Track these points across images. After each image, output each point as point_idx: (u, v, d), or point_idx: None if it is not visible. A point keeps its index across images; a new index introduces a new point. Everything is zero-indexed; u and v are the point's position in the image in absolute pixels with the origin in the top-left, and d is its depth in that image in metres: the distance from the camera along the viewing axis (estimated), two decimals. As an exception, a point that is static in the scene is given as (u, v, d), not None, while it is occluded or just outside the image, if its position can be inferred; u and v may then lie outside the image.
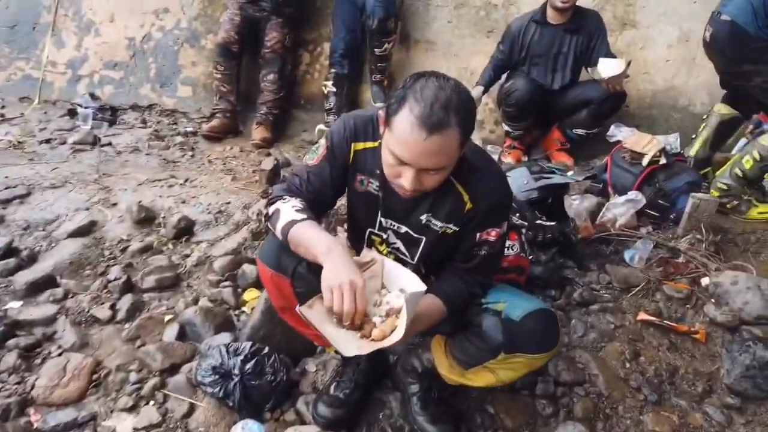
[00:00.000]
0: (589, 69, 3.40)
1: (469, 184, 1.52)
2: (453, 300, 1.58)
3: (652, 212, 2.72)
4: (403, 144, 1.30)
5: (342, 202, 1.79)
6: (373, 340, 1.37)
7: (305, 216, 1.45)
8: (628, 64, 3.34)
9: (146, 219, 2.59)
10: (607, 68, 3.30)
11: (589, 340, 2.14)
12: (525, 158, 3.78)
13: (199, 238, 2.51)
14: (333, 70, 3.95)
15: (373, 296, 1.49)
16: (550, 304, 2.27)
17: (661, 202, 2.68)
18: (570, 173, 2.54)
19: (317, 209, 1.61)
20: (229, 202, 2.72)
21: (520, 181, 2.43)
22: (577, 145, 3.88)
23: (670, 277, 2.40)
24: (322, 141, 1.63)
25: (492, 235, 1.56)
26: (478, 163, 1.53)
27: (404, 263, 1.71)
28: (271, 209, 1.56)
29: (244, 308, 2.18)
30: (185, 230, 2.52)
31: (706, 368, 2.06)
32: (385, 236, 1.66)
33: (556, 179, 2.37)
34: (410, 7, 4.14)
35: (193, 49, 4.28)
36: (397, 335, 1.33)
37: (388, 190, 1.56)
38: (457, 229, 1.57)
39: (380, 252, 1.72)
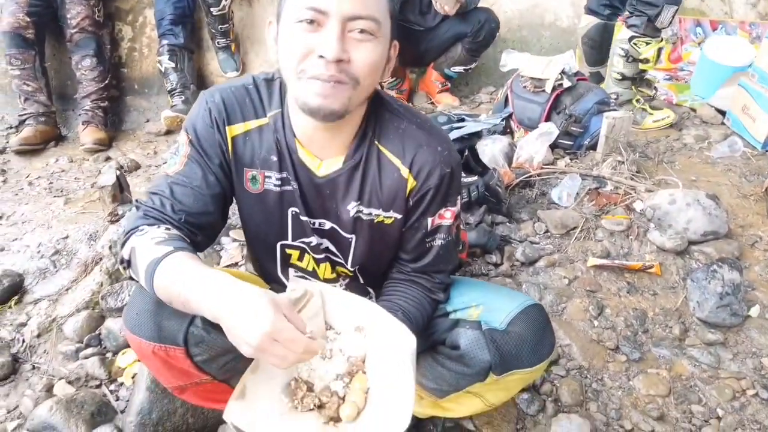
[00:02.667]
0: None
1: (405, 153, 1.10)
2: (414, 318, 1.18)
3: (565, 141, 2.48)
4: None
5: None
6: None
7: (171, 248, 0.95)
8: None
9: (-50, 286, 1.87)
10: None
11: (547, 304, 1.86)
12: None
13: (36, 296, 1.84)
14: (165, 42, 3.22)
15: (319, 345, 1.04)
16: (495, 271, 1.97)
17: (573, 129, 2.44)
18: (483, 116, 2.20)
19: (200, 235, 1.11)
20: (66, 237, 2.05)
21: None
22: (458, 82, 3.61)
23: (604, 209, 2.18)
24: (182, 136, 1.11)
25: (447, 216, 1.17)
26: (410, 122, 1.11)
27: (340, 269, 1.28)
28: (126, 250, 1.03)
29: (121, 379, 1.62)
30: (13, 289, 1.84)
31: (672, 303, 1.87)
32: (310, 241, 1.19)
33: (470, 126, 2.01)
34: (240, -49, 3.49)
35: (-27, 43, 3.31)
36: (395, 419, 0.90)
37: (301, 179, 1.11)
38: (400, 216, 1.15)
39: (305, 270, 1.26)
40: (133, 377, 1.60)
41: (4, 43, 3.04)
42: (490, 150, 2.34)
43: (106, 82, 3.19)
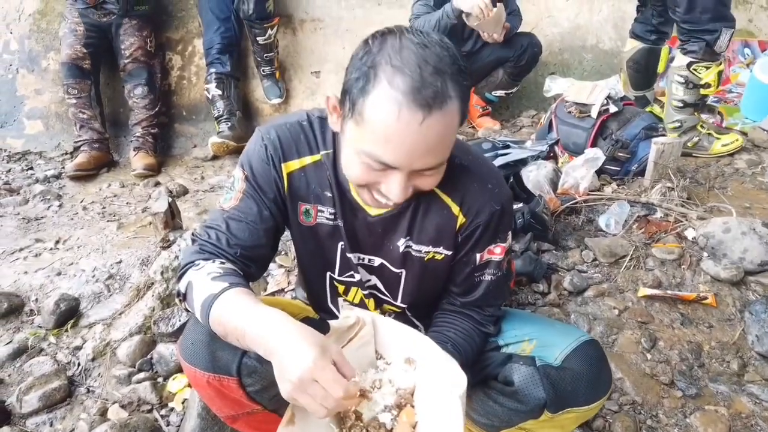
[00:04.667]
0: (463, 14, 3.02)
1: (455, 190, 1.10)
2: (464, 351, 1.17)
3: (611, 167, 2.44)
4: (388, 138, 0.87)
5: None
6: None
7: (226, 284, 0.97)
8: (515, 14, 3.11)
9: (11, 309, 1.93)
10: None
11: (597, 335, 1.81)
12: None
13: (91, 320, 1.90)
14: (212, 70, 3.33)
15: (369, 374, 1.05)
16: (542, 300, 1.93)
17: (620, 154, 2.40)
18: (528, 143, 2.19)
19: (252, 268, 1.13)
20: (120, 261, 2.11)
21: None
22: (499, 106, 3.61)
23: (654, 237, 2.13)
24: (237, 172, 1.14)
25: (497, 252, 1.16)
26: (462, 159, 1.11)
27: (386, 306, 1.28)
28: (182, 284, 1.06)
29: (172, 404, 1.64)
30: (69, 313, 1.90)
31: (729, 337, 1.80)
32: (357, 276, 1.20)
33: (515, 153, 2.00)
34: (287, -17, 3.60)
35: (33, 74, 3.48)
36: None
37: (348, 214, 1.12)
38: (449, 252, 1.15)
39: (353, 303, 1.27)
40: (183, 402, 1.63)
41: (62, 73, 3.21)
42: (534, 176, 2.32)
43: (156, 109, 3.31)
